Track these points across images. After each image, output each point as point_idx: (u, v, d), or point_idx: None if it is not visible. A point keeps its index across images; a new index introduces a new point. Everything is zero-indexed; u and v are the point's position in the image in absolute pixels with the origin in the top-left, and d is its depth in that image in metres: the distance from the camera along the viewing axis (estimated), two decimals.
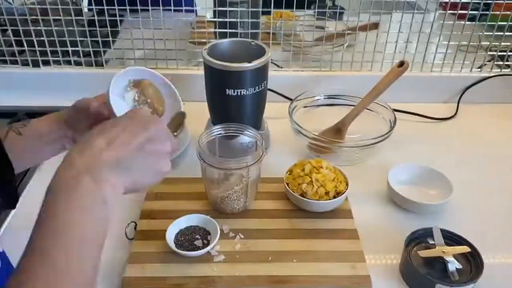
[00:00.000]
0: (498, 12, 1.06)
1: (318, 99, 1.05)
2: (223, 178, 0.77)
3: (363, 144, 0.89)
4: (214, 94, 0.90)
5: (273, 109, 0.99)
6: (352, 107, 1.00)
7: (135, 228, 0.77)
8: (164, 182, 0.81)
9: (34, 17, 1.05)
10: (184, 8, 1.07)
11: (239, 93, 0.86)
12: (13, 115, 1.06)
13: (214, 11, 1.09)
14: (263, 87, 0.89)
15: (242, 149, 0.93)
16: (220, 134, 0.82)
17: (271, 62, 1.15)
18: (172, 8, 1.09)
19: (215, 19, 1.09)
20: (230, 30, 1.08)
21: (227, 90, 0.86)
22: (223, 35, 1.09)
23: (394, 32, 1.08)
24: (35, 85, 1.13)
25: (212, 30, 1.10)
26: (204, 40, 1.08)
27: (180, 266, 0.70)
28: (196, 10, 1.39)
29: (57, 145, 0.72)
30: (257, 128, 0.95)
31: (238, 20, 1.08)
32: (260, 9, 1.09)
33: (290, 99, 1.04)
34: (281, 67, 1.18)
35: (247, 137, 0.83)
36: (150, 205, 0.82)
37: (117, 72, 0.73)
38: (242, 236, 0.75)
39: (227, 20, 1.08)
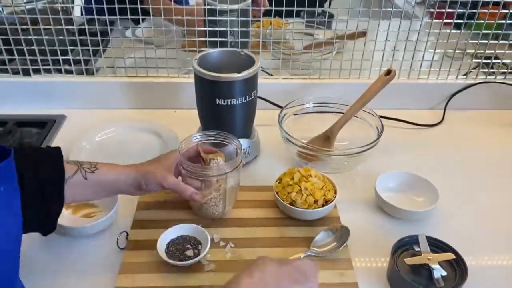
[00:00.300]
0: (482, 21, 1.08)
1: (308, 107, 1.06)
2: (204, 186, 0.79)
3: (351, 152, 0.91)
4: (204, 103, 0.91)
5: (263, 116, 1.01)
6: (341, 114, 1.01)
7: (126, 238, 0.78)
8: (155, 191, 0.82)
9: (25, 26, 1.05)
10: (174, 18, 1.08)
11: (229, 103, 0.87)
12: (3, 124, 1.06)
13: (204, 21, 1.10)
14: (252, 97, 0.90)
15: (229, 157, 0.94)
16: (201, 141, 0.82)
17: (261, 70, 1.17)
18: (163, 17, 1.10)
19: (205, 28, 1.10)
20: (220, 39, 1.09)
21: (217, 99, 0.87)
22: (213, 44, 1.10)
23: (381, 40, 1.10)
24: (26, 93, 1.13)
25: (203, 39, 1.11)
26: (194, 49, 1.09)
27: (171, 276, 0.71)
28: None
29: (111, 195, 0.78)
30: (247, 136, 0.97)
31: (228, 29, 1.09)
32: (250, 19, 1.10)
33: (280, 107, 1.06)
34: (271, 75, 1.19)
35: (232, 145, 0.84)
36: (142, 215, 0.83)
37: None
38: (233, 245, 0.76)
39: (217, 29, 1.09)
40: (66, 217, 0.80)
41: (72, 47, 1.10)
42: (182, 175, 0.79)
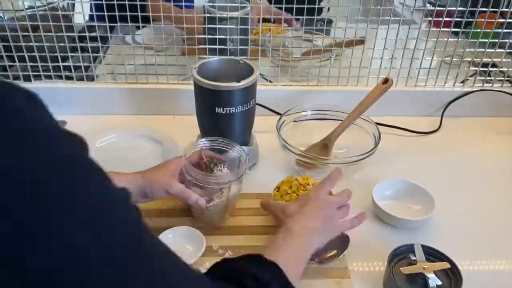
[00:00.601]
0: (479, 30, 1.09)
1: (306, 114, 1.07)
2: (205, 192, 0.80)
3: (349, 161, 0.92)
4: (204, 111, 0.92)
5: (262, 123, 1.01)
6: (339, 121, 1.02)
7: None
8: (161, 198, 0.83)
9: (26, 33, 1.06)
10: (175, 25, 1.09)
11: (228, 111, 0.88)
12: None
13: (204, 28, 1.11)
14: (251, 105, 0.91)
15: (231, 164, 0.95)
16: (205, 146, 0.84)
17: (261, 76, 1.18)
18: (162, 22, 1.11)
19: (205, 36, 1.11)
20: (220, 46, 1.10)
21: (216, 108, 0.88)
22: (212, 51, 1.11)
23: (379, 48, 1.11)
24: None
25: (203, 46, 1.12)
26: (194, 56, 1.10)
27: None
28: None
29: None
30: (246, 143, 0.97)
31: (228, 36, 1.10)
32: (249, 27, 1.11)
33: (279, 114, 1.07)
34: (271, 81, 1.20)
35: (235, 152, 0.85)
36: None
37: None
38: (231, 253, 0.77)
39: (217, 37, 1.10)
40: None
41: (72, 54, 1.11)
42: (186, 181, 0.80)
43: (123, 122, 1.14)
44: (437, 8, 1.07)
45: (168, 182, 0.76)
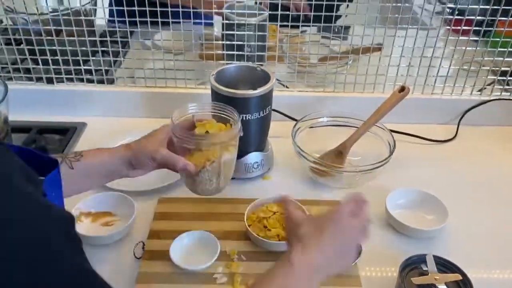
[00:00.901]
0: (498, 39, 1.08)
1: (322, 121, 1.08)
2: (196, 159, 0.73)
3: (363, 169, 0.92)
4: None
5: (278, 128, 1.03)
6: (355, 128, 1.03)
7: (143, 247, 0.81)
8: (171, 202, 0.87)
9: (49, 37, 1.09)
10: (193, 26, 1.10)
11: (244, 118, 0.89)
12: (27, 131, 1.11)
13: (222, 35, 1.13)
14: (267, 112, 0.93)
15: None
16: (197, 112, 0.80)
17: (277, 80, 1.19)
18: (181, 24, 1.12)
19: (223, 42, 1.12)
20: (237, 52, 1.12)
21: None
22: (230, 56, 1.13)
23: (396, 56, 1.11)
24: (49, 101, 1.17)
25: (220, 52, 1.13)
26: (212, 60, 1.12)
27: (185, 287, 0.74)
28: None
29: (105, 180, 0.78)
30: (261, 149, 0.99)
31: (246, 43, 1.11)
32: (267, 33, 1.12)
33: (295, 120, 1.08)
34: (287, 87, 1.21)
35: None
36: (158, 225, 0.86)
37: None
38: (245, 258, 0.79)
39: (235, 43, 1.11)
40: (85, 225, 0.84)
41: (93, 58, 1.13)
42: (175, 148, 0.75)
43: (141, 125, 1.15)
44: (456, 16, 1.06)
45: (154, 148, 0.71)
